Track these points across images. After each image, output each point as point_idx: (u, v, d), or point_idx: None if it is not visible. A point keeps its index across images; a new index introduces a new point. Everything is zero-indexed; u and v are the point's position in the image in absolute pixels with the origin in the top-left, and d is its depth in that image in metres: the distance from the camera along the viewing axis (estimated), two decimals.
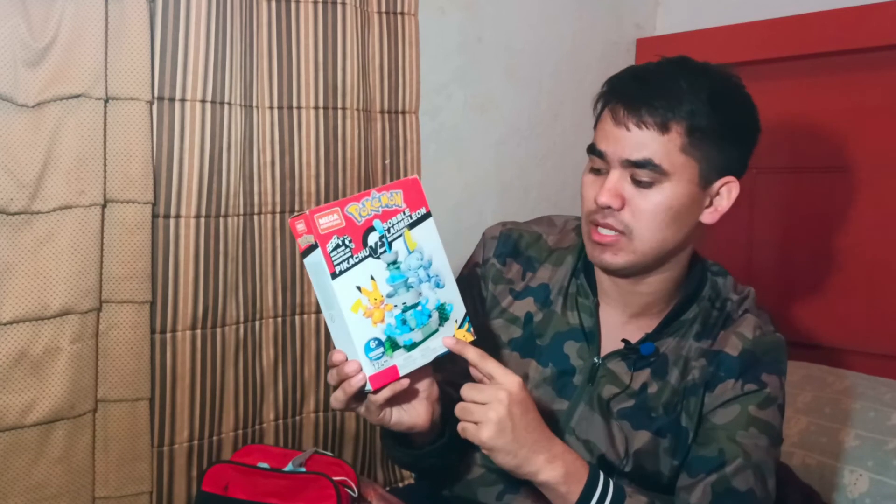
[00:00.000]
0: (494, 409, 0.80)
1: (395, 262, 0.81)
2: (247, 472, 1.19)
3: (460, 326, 0.86)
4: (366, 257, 0.79)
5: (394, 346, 0.81)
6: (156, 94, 1.21)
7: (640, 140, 0.88)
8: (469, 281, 1.05)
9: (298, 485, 1.18)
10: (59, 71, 1.11)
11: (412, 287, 0.82)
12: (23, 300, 1.11)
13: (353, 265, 0.78)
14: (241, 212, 1.32)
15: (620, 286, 0.98)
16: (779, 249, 1.70)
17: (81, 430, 1.18)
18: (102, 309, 1.19)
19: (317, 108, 1.37)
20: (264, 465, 1.21)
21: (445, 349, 0.85)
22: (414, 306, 0.82)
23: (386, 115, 1.47)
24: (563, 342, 0.99)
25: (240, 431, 1.35)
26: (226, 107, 1.28)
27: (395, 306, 0.81)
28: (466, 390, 0.84)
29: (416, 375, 0.85)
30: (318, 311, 1.41)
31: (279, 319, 1.38)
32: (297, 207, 1.37)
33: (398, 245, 0.81)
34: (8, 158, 1.09)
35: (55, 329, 1.14)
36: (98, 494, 1.21)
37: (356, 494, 1.24)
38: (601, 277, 1.00)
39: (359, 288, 0.79)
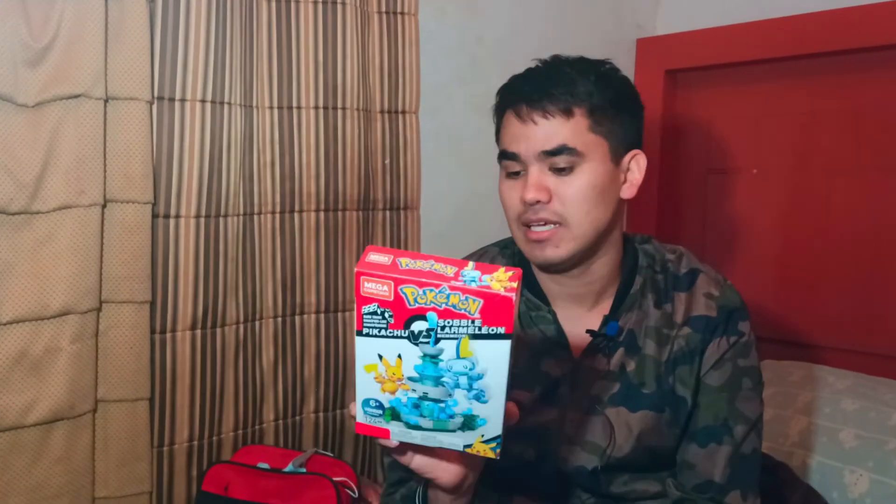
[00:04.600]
0: None
1: (434, 357, 0.68)
2: (247, 473, 1.21)
3: (485, 441, 0.72)
4: (401, 337, 0.67)
5: (395, 416, 0.72)
6: (155, 94, 1.22)
7: (550, 130, 0.91)
8: None
9: (299, 485, 1.20)
10: (58, 71, 1.11)
11: (443, 385, 0.69)
12: (23, 300, 1.11)
13: (383, 336, 0.67)
14: (241, 212, 1.32)
15: (568, 285, 0.98)
16: (778, 248, 1.70)
17: (81, 430, 1.18)
18: (102, 309, 1.20)
19: (317, 108, 1.37)
20: (264, 465, 1.23)
21: (457, 447, 0.72)
22: (436, 401, 0.70)
23: (386, 115, 1.47)
24: (538, 361, 0.98)
25: (240, 431, 1.35)
26: (226, 107, 1.28)
27: (414, 391, 0.70)
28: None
29: None
30: (318, 312, 1.41)
31: (279, 320, 1.38)
32: (296, 207, 1.38)
33: (447, 345, 0.67)
34: (8, 158, 1.09)
35: (55, 329, 1.14)
36: (98, 494, 1.21)
37: (356, 495, 1.25)
38: (548, 285, 1.00)
39: (380, 356, 0.68)
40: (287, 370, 1.39)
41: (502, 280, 0.66)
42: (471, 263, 0.67)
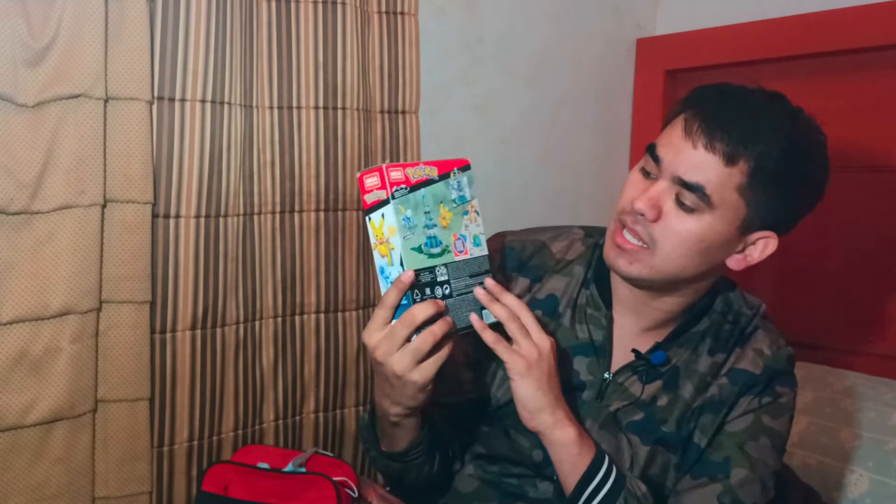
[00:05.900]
0: (538, 353, 0.83)
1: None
2: (247, 473, 1.20)
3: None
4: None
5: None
6: (155, 94, 1.22)
7: (701, 163, 0.84)
8: None
9: (298, 485, 1.19)
10: (58, 71, 1.11)
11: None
12: (22, 300, 1.11)
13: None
14: (241, 212, 1.32)
15: (637, 296, 0.96)
16: (780, 249, 1.69)
17: (81, 430, 1.18)
18: (102, 309, 1.19)
19: (317, 108, 1.37)
20: (264, 465, 1.22)
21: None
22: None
23: (386, 115, 1.47)
24: (572, 357, 0.97)
25: (240, 431, 1.35)
26: (226, 107, 1.28)
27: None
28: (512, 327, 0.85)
29: None
30: (318, 312, 1.41)
31: (279, 319, 1.38)
32: (296, 207, 1.37)
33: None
34: (8, 158, 1.09)
35: (55, 329, 1.14)
36: (98, 494, 1.21)
37: (356, 495, 1.24)
38: (617, 285, 0.97)
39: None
40: (287, 370, 1.39)
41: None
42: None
